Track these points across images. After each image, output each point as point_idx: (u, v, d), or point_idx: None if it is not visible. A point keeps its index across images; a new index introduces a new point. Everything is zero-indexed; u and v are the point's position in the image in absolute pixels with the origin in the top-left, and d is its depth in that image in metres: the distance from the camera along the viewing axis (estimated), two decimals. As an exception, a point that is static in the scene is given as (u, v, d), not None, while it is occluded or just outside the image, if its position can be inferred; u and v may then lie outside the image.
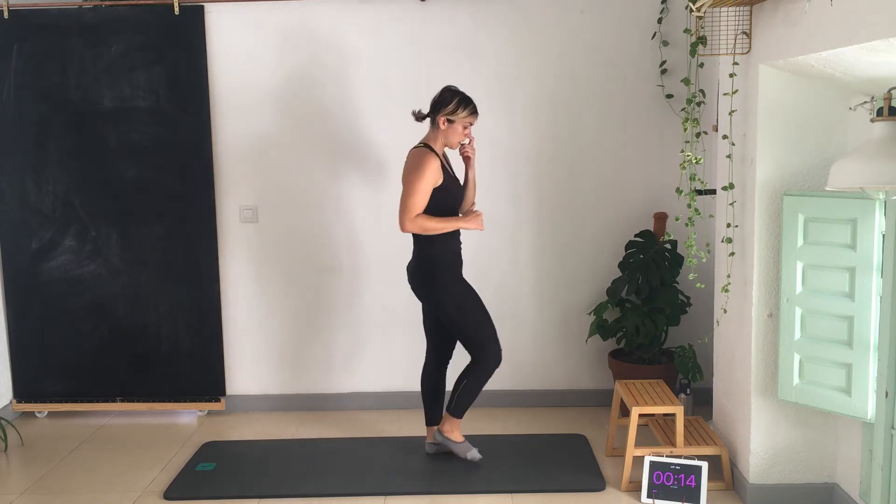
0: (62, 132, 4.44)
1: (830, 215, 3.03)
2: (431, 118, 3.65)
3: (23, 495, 3.71)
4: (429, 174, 3.53)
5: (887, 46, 2.29)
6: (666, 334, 4.34)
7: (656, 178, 4.46)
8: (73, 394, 4.63)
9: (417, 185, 3.53)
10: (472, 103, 3.63)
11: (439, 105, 3.62)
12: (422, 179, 3.53)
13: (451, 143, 3.66)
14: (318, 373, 4.65)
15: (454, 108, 3.59)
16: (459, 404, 3.78)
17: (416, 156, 3.61)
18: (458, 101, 3.60)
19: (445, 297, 3.68)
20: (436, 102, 3.64)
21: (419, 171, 3.54)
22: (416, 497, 3.61)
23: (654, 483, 3.47)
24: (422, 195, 3.53)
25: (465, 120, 3.62)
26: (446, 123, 3.60)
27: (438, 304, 3.71)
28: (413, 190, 3.53)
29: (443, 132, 3.62)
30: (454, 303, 3.68)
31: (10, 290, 4.57)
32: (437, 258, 3.65)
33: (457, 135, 3.63)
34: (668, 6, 4.31)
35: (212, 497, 3.64)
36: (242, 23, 4.38)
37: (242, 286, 4.59)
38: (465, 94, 3.64)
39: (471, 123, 3.65)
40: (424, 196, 3.54)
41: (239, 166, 4.50)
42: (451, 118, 3.59)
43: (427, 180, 3.53)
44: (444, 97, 3.62)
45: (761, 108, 3.21)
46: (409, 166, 3.61)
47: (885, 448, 2.95)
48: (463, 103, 3.61)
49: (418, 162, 3.57)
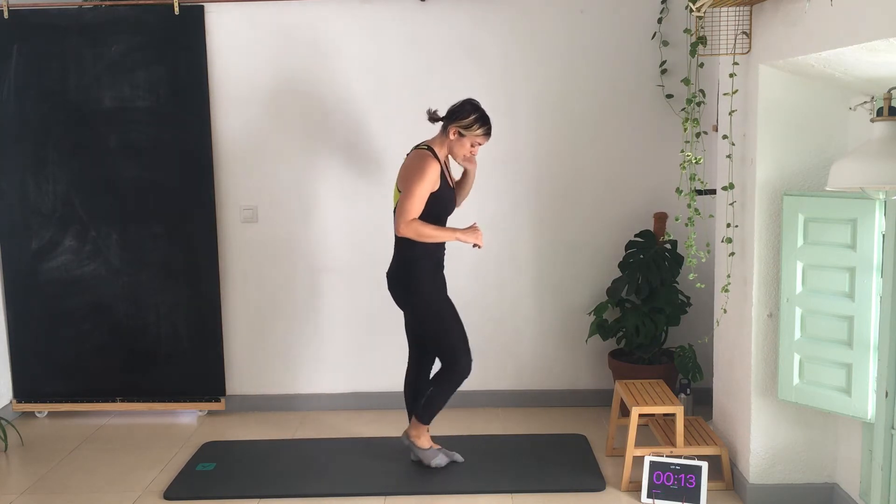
0: (62, 132, 4.44)
1: (830, 215, 3.03)
2: (444, 124, 3.59)
3: (23, 495, 3.72)
4: (429, 179, 3.48)
5: (887, 46, 2.29)
6: (666, 334, 4.34)
7: (656, 178, 4.46)
8: (73, 394, 4.63)
9: (417, 189, 3.46)
10: (488, 123, 3.57)
11: (456, 115, 3.55)
12: (422, 183, 3.46)
13: (455, 154, 3.61)
14: (318, 373, 4.65)
15: (470, 124, 3.53)
16: (427, 411, 3.74)
17: (419, 158, 3.54)
18: (476, 119, 3.54)
19: (420, 302, 3.63)
20: (453, 111, 3.57)
21: (421, 175, 3.47)
22: (416, 497, 3.60)
23: (654, 483, 3.47)
24: (420, 199, 3.47)
25: (477, 138, 3.56)
26: (457, 135, 3.55)
27: (413, 309, 3.67)
28: (412, 193, 3.46)
29: (451, 141, 3.57)
30: (429, 309, 3.63)
31: (10, 290, 4.57)
32: (416, 262, 3.58)
33: (464, 149, 3.57)
34: (668, 6, 4.31)
35: (212, 497, 3.64)
36: (242, 23, 4.38)
37: (242, 286, 4.59)
38: (485, 112, 3.58)
39: (480, 143, 3.59)
40: (422, 200, 3.48)
41: (239, 166, 4.50)
42: (464, 132, 3.54)
43: (427, 185, 3.47)
44: (463, 108, 3.56)
45: (761, 108, 3.21)
46: (411, 168, 3.53)
47: (885, 448, 2.95)
48: (480, 121, 3.55)
49: (421, 165, 3.50)
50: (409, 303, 3.68)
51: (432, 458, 3.79)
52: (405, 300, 3.68)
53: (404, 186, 3.51)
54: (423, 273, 3.60)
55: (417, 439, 3.79)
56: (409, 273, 3.60)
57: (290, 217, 4.53)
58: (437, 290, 3.66)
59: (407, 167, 3.57)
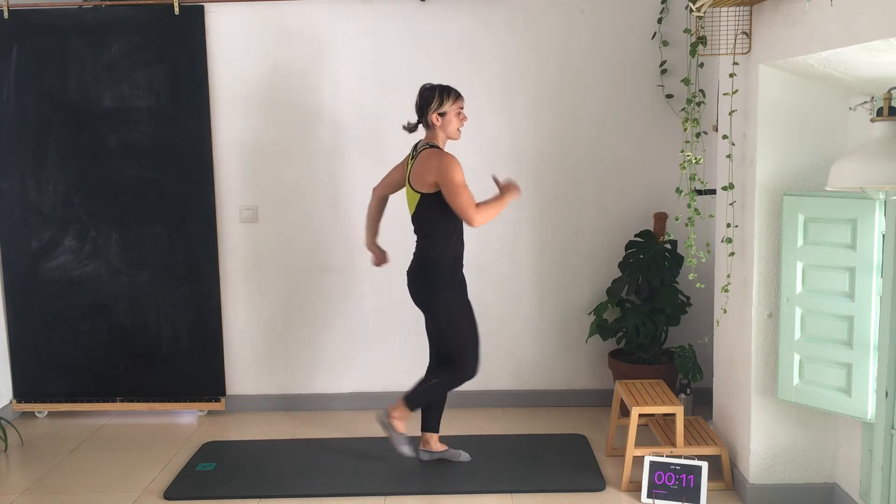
0: (62, 132, 4.44)
1: (830, 215, 3.03)
2: (423, 121, 3.63)
3: (23, 495, 3.72)
4: (459, 167, 3.51)
5: (887, 46, 2.29)
6: (666, 334, 4.34)
7: (656, 178, 4.46)
8: (73, 394, 4.63)
9: (459, 180, 3.49)
10: (453, 90, 3.61)
11: (424, 106, 3.60)
12: (459, 174, 3.49)
13: (451, 133, 3.63)
14: (318, 373, 4.65)
15: (440, 102, 3.58)
16: (417, 397, 3.73)
17: (437, 157, 3.53)
18: (441, 93, 3.58)
19: (441, 300, 3.64)
20: (420, 105, 3.62)
21: (451, 170, 3.48)
22: (416, 497, 3.61)
23: (654, 483, 3.47)
24: (466, 188, 3.50)
25: (455, 107, 3.60)
26: (439, 119, 3.59)
27: (433, 307, 3.68)
28: (458, 185, 3.48)
29: (439, 128, 3.61)
30: (448, 308, 3.65)
31: (10, 290, 4.57)
32: (438, 261, 3.62)
33: (453, 124, 3.61)
34: (668, 6, 4.31)
35: (212, 497, 3.64)
36: (242, 23, 4.38)
37: (242, 286, 4.59)
38: (442, 84, 3.62)
39: (461, 108, 3.63)
40: (467, 188, 3.50)
41: (239, 166, 4.50)
42: (441, 111, 3.58)
43: (461, 174, 3.50)
44: (425, 96, 3.60)
45: (761, 108, 3.21)
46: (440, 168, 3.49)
47: (885, 448, 2.95)
48: (445, 93, 3.59)
49: (444, 160, 3.50)
50: (428, 300, 3.68)
51: (400, 444, 3.73)
52: (425, 298, 3.69)
53: (447, 188, 3.49)
54: (444, 271, 3.63)
55: (395, 420, 3.73)
56: (431, 271, 3.63)
57: (290, 217, 4.53)
58: (457, 289, 3.69)
59: (431, 169, 3.52)
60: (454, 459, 3.87)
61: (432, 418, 3.88)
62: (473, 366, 3.70)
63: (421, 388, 3.74)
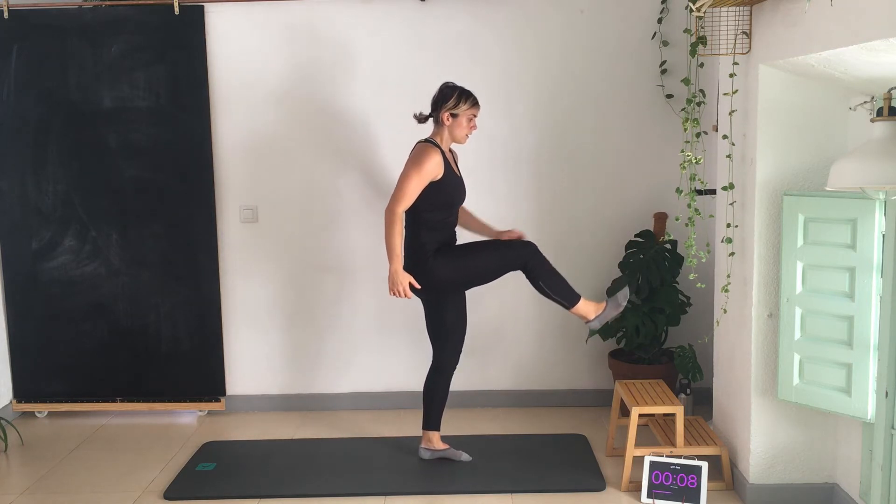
0: (62, 132, 4.44)
1: (830, 215, 3.03)
2: (434, 116, 3.67)
3: (23, 495, 3.72)
4: (427, 167, 3.55)
5: (887, 46, 2.29)
6: (666, 334, 4.34)
7: (656, 178, 4.46)
8: (73, 394, 4.63)
9: (412, 175, 3.55)
10: (472, 95, 3.66)
11: (440, 102, 3.64)
12: (417, 170, 3.55)
13: (457, 137, 3.67)
14: (318, 373, 4.65)
15: (456, 102, 3.62)
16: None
17: (418, 149, 3.65)
18: (459, 95, 3.63)
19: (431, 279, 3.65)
20: (436, 100, 3.66)
21: (417, 163, 3.57)
22: (416, 497, 3.61)
23: (654, 483, 3.47)
24: (414, 185, 3.54)
25: (468, 112, 3.64)
26: (450, 119, 3.63)
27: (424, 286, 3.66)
28: (405, 176, 3.56)
29: (448, 127, 3.64)
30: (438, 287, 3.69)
31: (10, 290, 4.57)
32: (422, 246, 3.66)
33: (462, 128, 3.65)
34: (668, 6, 4.31)
35: (212, 497, 3.64)
36: (242, 23, 4.38)
37: (242, 286, 4.59)
38: (464, 87, 3.67)
39: (474, 115, 3.68)
40: (416, 187, 3.55)
41: (239, 166, 4.50)
42: (455, 112, 3.62)
43: (423, 173, 3.55)
44: (444, 93, 3.65)
45: (761, 108, 3.21)
46: (410, 158, 3.64)
47: (885, 448, 2.95)
48: (464, 96, 3.64)
49: (418, 154, 3.60)
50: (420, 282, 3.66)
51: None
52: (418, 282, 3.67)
53: (402, 173, 3.61)
54: (428, 252, 3.66)
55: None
56: (417, 255, 3.67)
57: (290, 217, 4.53)
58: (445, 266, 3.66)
59: (408, 159, 3.67)
60: (455, 459, 3.88)
61: (433, 416, 3.89)
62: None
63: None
